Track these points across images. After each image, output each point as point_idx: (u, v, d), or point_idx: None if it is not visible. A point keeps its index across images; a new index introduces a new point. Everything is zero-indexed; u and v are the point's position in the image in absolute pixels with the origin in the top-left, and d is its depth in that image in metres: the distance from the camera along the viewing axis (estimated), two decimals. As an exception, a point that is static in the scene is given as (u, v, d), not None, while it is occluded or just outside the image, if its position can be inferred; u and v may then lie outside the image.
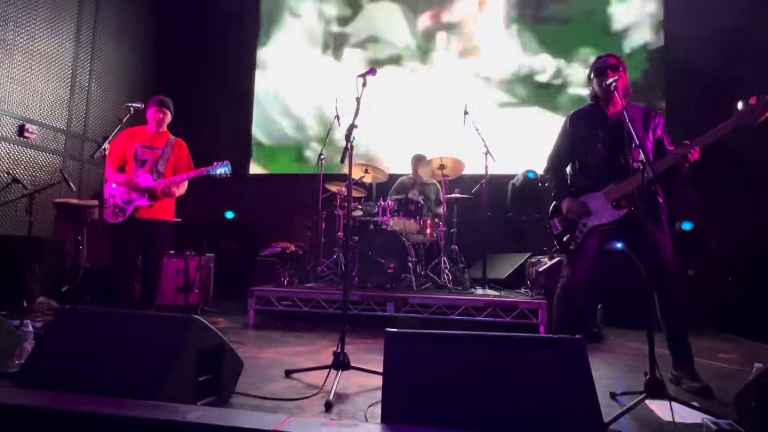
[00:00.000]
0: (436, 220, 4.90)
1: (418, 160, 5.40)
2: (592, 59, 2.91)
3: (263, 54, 7.02)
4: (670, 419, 1.95)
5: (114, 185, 3.51)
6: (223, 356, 2.16)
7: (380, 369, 1.75)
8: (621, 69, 2.71)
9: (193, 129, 4.62)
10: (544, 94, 6.15)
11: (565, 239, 2.81)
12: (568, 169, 2.98)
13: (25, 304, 4.20)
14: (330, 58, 6.80)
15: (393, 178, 5.54)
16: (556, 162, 2.97)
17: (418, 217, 4.76)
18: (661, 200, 2.69)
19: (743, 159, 4.99)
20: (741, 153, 4.96)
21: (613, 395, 2.38)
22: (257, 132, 6.93)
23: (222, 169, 3.53)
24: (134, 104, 3.46)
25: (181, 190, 3.65)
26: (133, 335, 2.02)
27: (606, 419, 1.85)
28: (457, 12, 6.52)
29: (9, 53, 4.80)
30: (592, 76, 2.83)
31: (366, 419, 2.04)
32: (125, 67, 6.39)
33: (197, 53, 6.94)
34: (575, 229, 2.76)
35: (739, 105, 2.38)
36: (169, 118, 3.75)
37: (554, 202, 2.91)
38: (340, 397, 2.32)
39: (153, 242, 3.57)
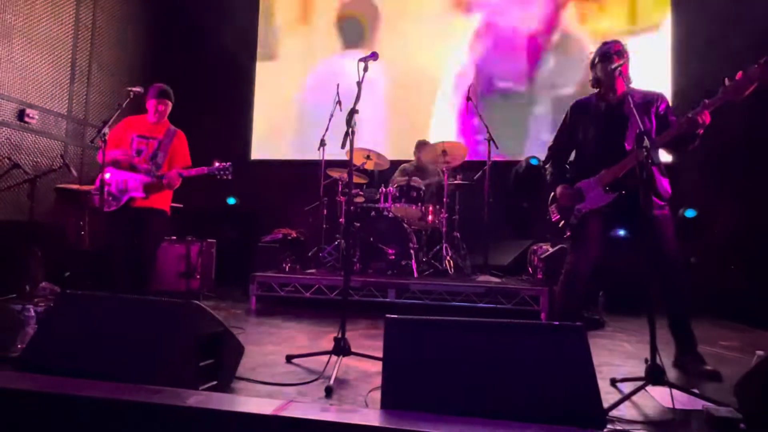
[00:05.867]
0: (438, 206, 4.88)
1: (421, 146, 5.38)
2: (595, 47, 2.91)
3: (265, 35, 6.93)
4: (671, 406, 1.95)
5: (108, 175, 3.44)
6: (224, 341, 2.16)
7: (381, 355, 1.75)
8: (625, 55, 2.72)
9: (195, 113, 4.62)
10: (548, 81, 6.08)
11: (560, 225, 2.87)
12: (572, 157, 3.00)
13: (28, 289, 4.22)
14: (332, 40, 6.72)
15: (395, 164, 5.50)
16: (557, 152, 3.02)
17: (419, 204, 4.74)
18: (664, 183, 2.67)
19: (747, 146, 4.94)
20: (745, 140, 4.91)
21: (613, 382, 2.38)
22: (258, 116, 6.87)
23: (222, 170, 3.46)
24: (134, 89, 3.42)
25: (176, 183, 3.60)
26: (133, 320, 2.03)
27: (606, 405, 1.85)
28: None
29: (8, 37, 4.75)
30: (596, 61, 2.82)
31: (366, 404, 2.05)
32: (126, 50, 6.32)
33: (198, 35, 6.84)
34: (570, 215, 2.80)
35: (726, 81, 2.35)
36: (170, 108, 3.68)
37: (552, 191, 2.95)
38: (341, 382, 2.33)
39: (147, 231, 3.52)
